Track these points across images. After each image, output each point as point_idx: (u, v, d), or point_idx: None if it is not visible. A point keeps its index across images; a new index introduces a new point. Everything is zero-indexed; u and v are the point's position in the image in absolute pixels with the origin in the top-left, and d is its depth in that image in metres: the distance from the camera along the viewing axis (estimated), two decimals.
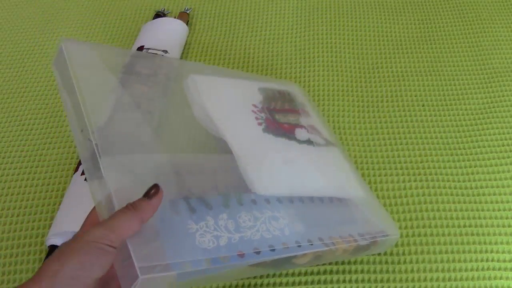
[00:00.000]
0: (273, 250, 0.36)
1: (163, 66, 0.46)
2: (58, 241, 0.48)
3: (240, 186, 0.40)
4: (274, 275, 0.48)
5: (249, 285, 0.48)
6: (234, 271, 0.36)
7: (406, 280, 0.48)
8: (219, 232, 0.34)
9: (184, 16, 0.76)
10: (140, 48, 0.67)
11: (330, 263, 0.49)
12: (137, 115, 0.41)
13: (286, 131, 0.48)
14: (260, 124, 0.47)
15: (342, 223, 0.43)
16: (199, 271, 0.32)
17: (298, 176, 0.44)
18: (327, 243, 0.39)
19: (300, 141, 0.48)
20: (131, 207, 0.31)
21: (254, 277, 0.48)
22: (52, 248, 0.49)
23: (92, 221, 0.35)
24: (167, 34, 0.71)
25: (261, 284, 0.48)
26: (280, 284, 0.48)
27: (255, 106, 0.49)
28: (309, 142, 0.48)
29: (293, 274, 0.48)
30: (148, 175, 0.34)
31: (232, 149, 0.42)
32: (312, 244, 0.38)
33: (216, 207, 0.36)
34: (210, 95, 0.46)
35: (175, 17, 0.75)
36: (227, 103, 0.47)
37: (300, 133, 0.49)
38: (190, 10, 0.78)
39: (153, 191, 0.32)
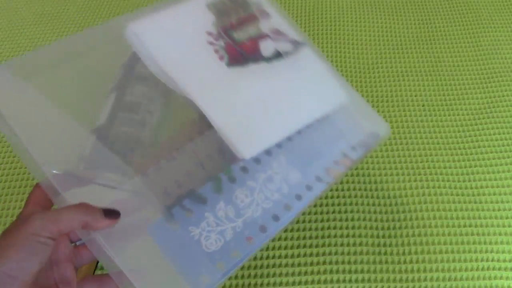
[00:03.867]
0: (278, 220, 0.36)
1: None
2: None
3: (225, 155, 0.39)
4: (274, 275, 0.48)
5: (249, 284, 0.48)
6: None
7: (406, 280, 0.48)
8: (222, 226, 0.34)
9: None
10: None
11: (330, 262, 0.49)
12: (136, 116, 0.40)
13: (250, 53, 0.45)
14: (222, 58, 0.44)
15: (333, 143, 0.43)
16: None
17: (278, 117, 0.43)
18: (324, 179, 0.40)
19: (268, 59, 0.46)
20: (84, 207, 0.30)
21: (255, 277, 0.48)
22: None
23: (36, 199, 0.33)
24: None
25: (261, 284, 0.48)
26: (280, 284, 0.48)
27: (209, 34, 0.45)
28: (277, 55, 0.46)
29: (293, 274, 0.48)
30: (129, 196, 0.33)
31: (206, 114, 0.40)
32: (311, 189, 0.39)
33: (210, 198, 0.36)
34: (158, 43, 0.42)
35: None
36: (179, 46, 0.43)
37: (266, 47, 0.46)
38: None
39: (112, 214, 0.31)
